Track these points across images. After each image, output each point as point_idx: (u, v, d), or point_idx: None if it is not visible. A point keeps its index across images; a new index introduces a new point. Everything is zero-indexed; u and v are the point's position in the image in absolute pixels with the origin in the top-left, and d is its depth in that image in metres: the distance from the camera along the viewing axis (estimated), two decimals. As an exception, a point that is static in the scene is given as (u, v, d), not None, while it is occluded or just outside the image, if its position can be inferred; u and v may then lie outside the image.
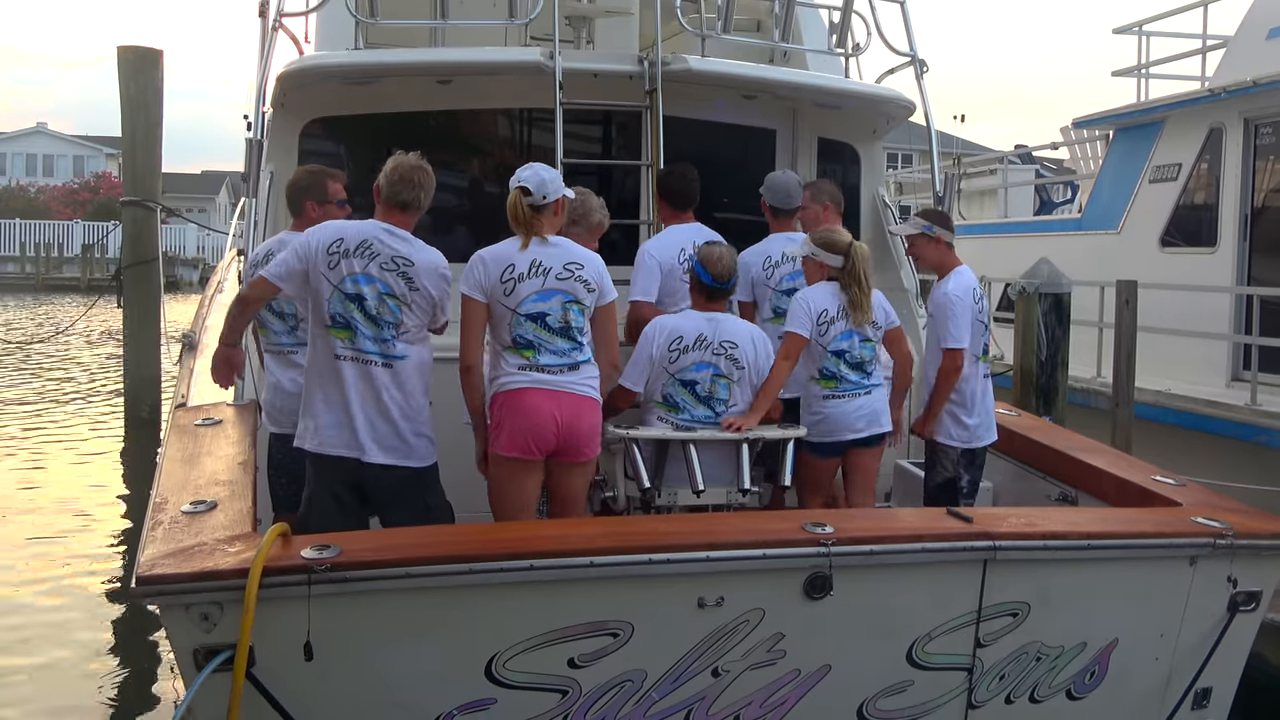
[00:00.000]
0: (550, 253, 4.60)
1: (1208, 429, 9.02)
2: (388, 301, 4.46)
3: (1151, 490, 4.94)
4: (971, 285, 5.48)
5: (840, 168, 7.35)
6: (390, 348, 4.47)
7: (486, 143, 7.12)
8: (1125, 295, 8.77)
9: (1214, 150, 10.46)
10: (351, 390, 4.42)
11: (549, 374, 4.53)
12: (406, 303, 4.48)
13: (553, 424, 4.49)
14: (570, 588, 3.74)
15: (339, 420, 4.43)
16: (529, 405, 4.50)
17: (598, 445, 4.67)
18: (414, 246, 4.54)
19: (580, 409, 4.56)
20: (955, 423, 5.46)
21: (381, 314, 4.45)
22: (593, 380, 4.65)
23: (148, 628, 7.08)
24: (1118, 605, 4.33)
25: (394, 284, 4.47)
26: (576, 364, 4.59)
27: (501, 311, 4.55)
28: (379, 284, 4.44)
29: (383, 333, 4.46)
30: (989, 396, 5.56)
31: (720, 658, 3.90)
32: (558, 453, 4.57)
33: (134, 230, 13.27)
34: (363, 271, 4.45)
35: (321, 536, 3.70)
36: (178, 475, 4.37)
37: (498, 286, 4.53)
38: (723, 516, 4.83)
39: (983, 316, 5.49)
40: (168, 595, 3.48)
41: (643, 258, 5.70)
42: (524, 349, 4.54)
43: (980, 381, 5.49)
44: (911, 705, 4.16)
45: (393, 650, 3.66)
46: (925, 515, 4.68)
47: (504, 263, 4.56)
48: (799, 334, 5.15)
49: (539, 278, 4.55)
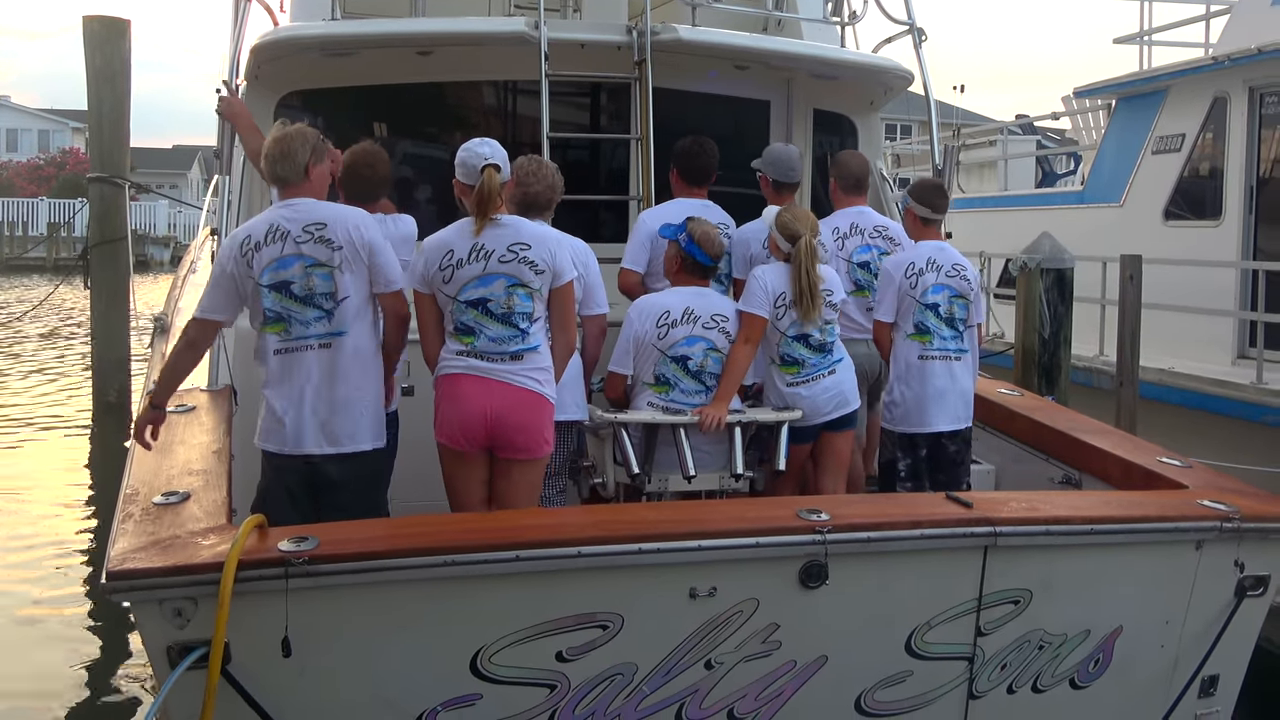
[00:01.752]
0: (496, 234, 4.46)
1: (1213, 408, 9.05)
2: (316, 274, 4.30)
3: (1156, 472, 4.94)
4: (908, 261, 5.40)
5: (837, 140, 7.31)
6: (325, 325, 4.30)
7: (470, 116, 7.06)
8: (1129, 271, 8.77)
9: (1218, 120, 10.46)
10: (293, 382, 4.29)
11: (486, 361, 4.40)
12: (335, 265, 4.31)
13: (481, 415, 4.36)
14: (558, 579, 3.72)
15: (286, 415, 4.30)
16: (458, 393, 4.41)
17: (539, 443, 4.45)
18: (317, 207, 4.39)
19: (515, 401, 4.39)
20: (886, 400, 5.45)
21: (314, 289, 4.30)
22: (538, 372, 4.46)
23: (120, 624, 7.04)
24: (1122, 591, 4.34)
25: (315, 251, 4.30)
26: (519, 353, 4.43)
27: (443, 300, 4.47)
28: (304, 260, 4.30)
29: (317, 312, 4.29)
30: (932, 382, 5.31)
31: (713, 650, 3.89)
32: (492, 446, 4.43)
33: (101, 207, 13.15)
34: (280, 256, 4.30)
35: (299, 528, 3.68)
36: (149, 465, 4.33)
37: (436, 275, 4.45)
38: (715, 504, 4.82)
39: (925, 296, 5.32)
40: (140, 590, 3.45)
41: (638, 226, 5.71)
42: (463, 335, 4.44)
43: (915, 364, 5.32)
44: (911, 696, 4.16)
45: (374, 645, 3.64)
46: (923, 501, 4.67)
47: (443, 250, 4.46)
48: (757, 314, 5.09)
49: (479, 262, 4.43)
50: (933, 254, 5.42)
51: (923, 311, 5.35)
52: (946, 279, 5.39)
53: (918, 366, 5.35)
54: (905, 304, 5.36)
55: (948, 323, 5.37)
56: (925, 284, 5.35)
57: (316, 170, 4.45)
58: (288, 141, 4.41)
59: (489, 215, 4.45)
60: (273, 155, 4.42)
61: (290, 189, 4.42)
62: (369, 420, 4.38)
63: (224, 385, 5.21)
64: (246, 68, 6.15)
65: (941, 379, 5.35)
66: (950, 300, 5.38)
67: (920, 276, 5.35)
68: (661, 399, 5.01)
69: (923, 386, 5.33)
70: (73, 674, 6.47)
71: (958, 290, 5.41)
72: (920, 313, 5.35)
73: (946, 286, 5.38)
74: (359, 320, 4.36)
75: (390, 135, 6.90)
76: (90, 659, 6.71)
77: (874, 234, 5.90)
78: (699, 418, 4.91)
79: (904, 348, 5.38)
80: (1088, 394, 9.40)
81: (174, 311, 7.38)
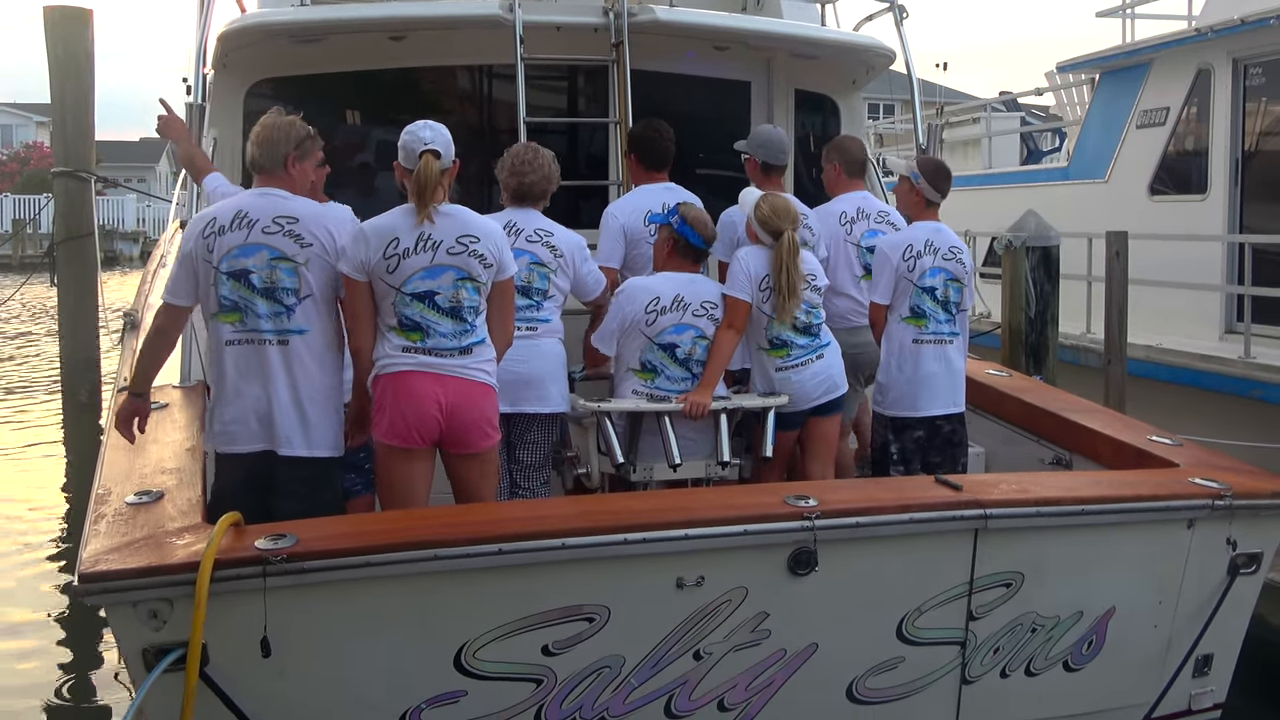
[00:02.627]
0: (442, 224, 4.31)
1: (1201, 384, 9.10)
2: (280, 267, 4.23)
3: (1147, 451, 4.96)
4: (907, 242, 5.37)
5: (819, 120, 7.31)
6: (284, 321, 4.22)
7: (445, 101, 7.02)
8: (1115, 247, 8.80)
9: (1202, 93, 10.49)
10: (246, 375, 4.22)
11: (436, 357, 4.29)
12: (301, 262, 4.23)
13: (436, 410, 4.26)
14: (542, 571, 3.70)
15: (236, 414, 4.23)
16: (411, 390, 4.26)
17: (489, 435, 4.39)
18: (292, 201, 4.31)
19: (469, 395, 4.31)
20: (879, 384, 5.44)
21: (276, 282, 4.22)
22: (487, 364, 4.40)
23: (93, 627, 6.99)
24: (1114, 572, 4.36)
25: (282, 244, 4.23)
26: (468, 347, 4.34)
27: (384, 290, 4.28)
28: (266, 250, 4.22)
29: (276, 306, 4.22)
30: (925, 366, 5.31)
31: (702, 640, 3.89)
32: (445, 442, 4.35)
33: (67, 203, 13.00)
34: (243, 243, 4.22)
35: (277, 525, 3.65)
36: (121, 464, 4.30)
37: (380, 263, 4.25)
38: (701, 492, 4.82)
39: (922, 280, 5.31)
40: (113, 593, 3.42)
41: (607, 220, 5.65)
42: (409, 330, 4.28)
43: (909, 349, 5.32)
44: (903, 683, 4.17)
45: (355, 644, 3.62)
46: (912, 484, 4.68)
47: (387, 237, 4.27)
48: (740, 299, 5.05)
49: (427, 253, 4.27)
50: (930, 236, 5.40)
51: (919, 295, 5.33)
52: (943, 262, 5.37)
53: (912, 350, 5.33)
54: (901, 286, 5.34)
55: (943, 306, 5.36)
56: (923, 267, 5.33)
57: (298, 166, 4.37)
58: (271, 130, 4.36)
59: (429, 204, 4.29)
60: (254, 140, 4.37)
61: (265, 177, 4.36)
62: (325, 424, 4.29)
63: (197, 381, 5.17)
64: (214, 56, 6.11)
65: (935, 363, 5.35)
66: (946, 284, 5.37)
67: (918, 259, 5.33)
68: (646, 386, 4.99)
69: (916, 370, 5.33)
70: (46, 679, 6.41)
71: (954, 274, 5.40)
72: (917, 296, 5.33)
73: (943, 270, 5.37)
74: (320, 319, 4.28)
75: (363, 122, 6.86)
76: (64, 663, 6.65)
77: (879, 219, 5.86)
78: (684, 405, 4.89)
79: (898, 331, 5.36)
80: (1076, 372, 9.44)
81: (144, 307, 7.30)
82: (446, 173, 4.40)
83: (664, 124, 5.77)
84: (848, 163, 5.99)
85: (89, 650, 6.84)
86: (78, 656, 6.76)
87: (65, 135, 13.05)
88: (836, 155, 6.05)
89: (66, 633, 7.12)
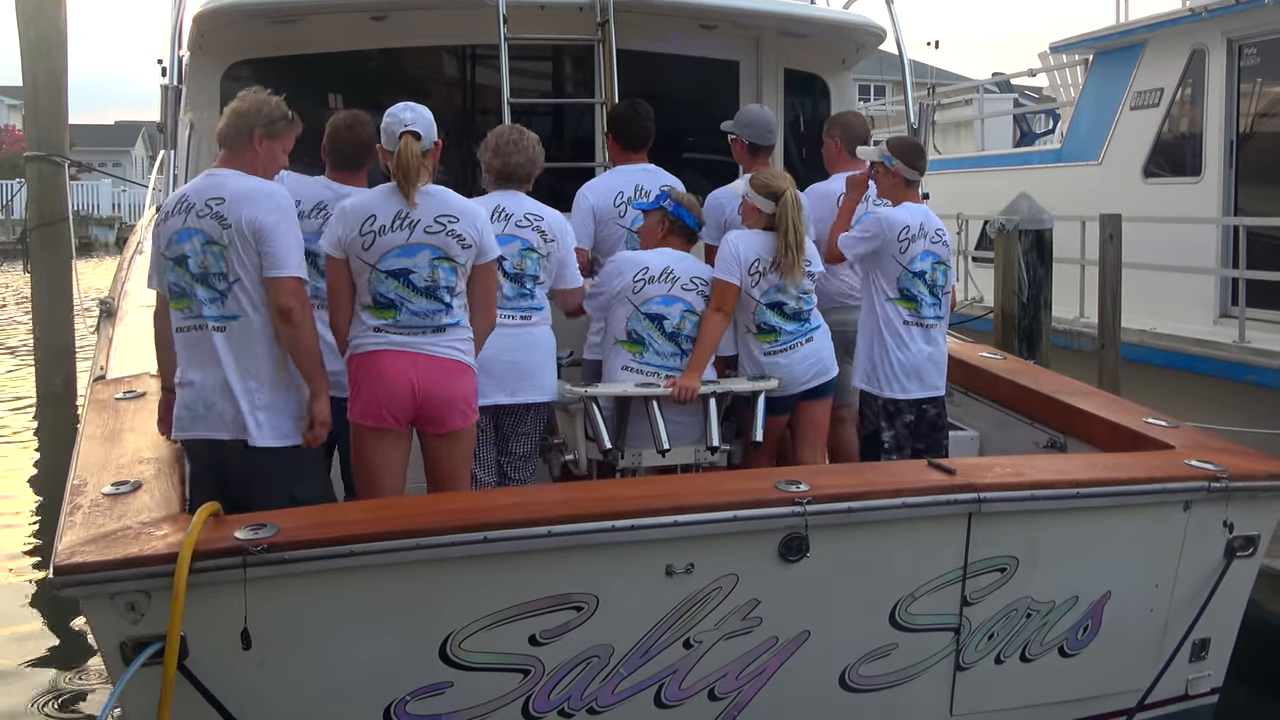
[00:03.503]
0: (422, 203, 4.34)
1: (1195, 369, 9.13)
2: (210, 251, 4.14)
3: (1143, 434, 4.97)
4: (904, 223, 5.30)
5: (809, 101, 7.28)
6: (222, 307, 4.15)
7: (426, 83, 6.96)
8: (1109, 230, 8.82)
9: (1196, 74, 10.51)
10: (193, 363, 4.18)
11: (408, 335, 4.30)
12: (225, 244, 4.12)
13: (408, 390, 4.26)
14: (529, 560, 3.69)
15: (187, 399, 4.18)
16: (383, 369, 4.28)
17: (466, 415, 4.39)
18: (228, 180, 4.21)
19: (441, 373, 4.32)
20: (870, 367, 5.42)
21: (208, 267, 4.14)
22: (461, 344, 4.40)
23: (70, 620, 6.95)
24: (1110, 555, 4.36)
25: (209, 227, 4.15)
26: (442, 326, 4.34)
27: (359, 266, 4.31)
28: (198, 235, 4.15)
29: (213, 292, 4.15)
30: (915, 349, 5.31)
31: (692, 628, 3.88)
32: (420, 421, 4.35)
33: (40, 188, 12.92)
34: (181, 228, 4.18)
35: (258, 515, 3.63)
36: (97, 454, 4.27)
37: (356, 240, 4.29)
38: (691, 478, 4.80)
39: (914, 264, 5.29)
40: (90, 585, 3.39)
41: (578, 200, 5.62)
42: (383, 309, 4.30)
43: (900, 330, 5.30)
44: (896, 670, 4.17)
45: (338, 635, 3.60)
46: (905, 468, 4.67)
47: (364, 214, 4.31)
48: (729, 281, 5.05)
49: (404, 230, 4.30)
50: (922, 219, 5.39)
51: (911, 279, 5.31)
52: (931, 245, 5.36)
53: (902, 333, 5.31)
54: (890, 267, 5.31)
55: (930, 290, 5.36)
56: (914, 251, 5.31)
57: (265, 145, 4.30)
58: (245, 103, 4.31)
59: (412, 185, 4.31)
60: (226, 113, 4.32)
61: (229, 155, 4.30)
62: (269, 413, 4.18)
63: (175, 369, 5.13)
64: (190, 37, 6.05)
65: (926, 346, 5.34)
66: (934, 267, 5.36)
67: (912, 243, 5.31)
68: (635, 360, 4.98)
69: (909, 353, 5.31)
70: (21, 674, 6.37)
71: (940, 257, 5.40)
72: (908, 280, 5.31)
73: (931, 253, 5.36)
74: (253, 305, 4.16)
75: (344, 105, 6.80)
76: (39, 658, 6.60)
77: (878, 202, 5.81)
78: (672, 389, 4.88)
79: (888, 313, 5.32)
80: (1069, 357, 9.46)
81: (120, 295, 7.26)
82: (428, 154, 4.40)
83: (644, 104, 5.72)
84: (850, 139, 5.89)
85: (64, 644, 6.80)
86: (52, 650, 6.71)
87: (37, 119, 12.97)
88: (839, 131, 5.96)
89: (40, 626, 7.07)
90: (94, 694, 6.07)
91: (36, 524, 9.09)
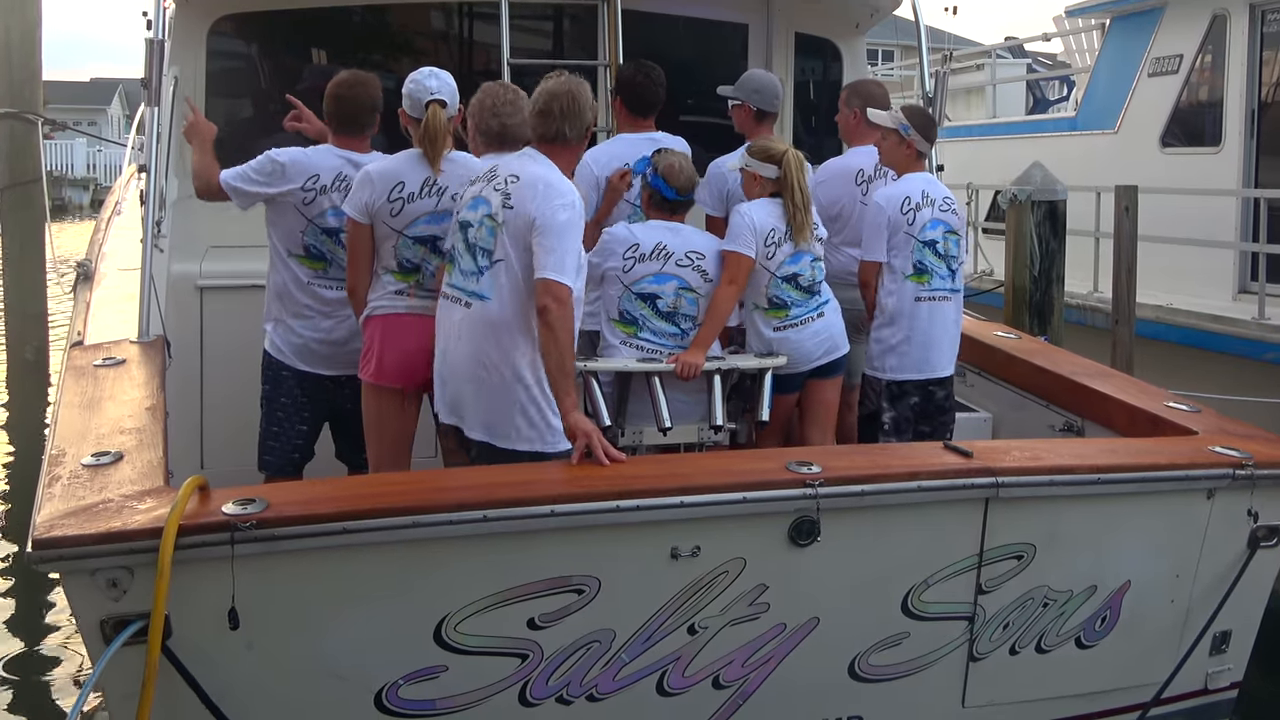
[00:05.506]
0: (449, 171, 4.50)
1: (1213, 346, 9.12)
2: (486, 226, 4.33)
3: (1164, 418, 4.93)
4: (904, 195, 5.28)
5: (820, 66, 7.21)
6: (477, 283, 4.32)
7: (420, 42, 6.90)
8: (1125, 202, 8.79)
9: (1217, 40, 10.45)
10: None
11: (430, 299, 4.45)
12: (501, 223, 4.32)
13: (426, 353, 4.40)
14: (529, 540, 3.65)
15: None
16: (399, 331, 4.48)
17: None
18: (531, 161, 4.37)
19: None
20: (874, 349, 5.36)
21: (479, 241, 4.34)
22: None
23: (47, 597, 6.91)
24: (1130, 544, 4.33)
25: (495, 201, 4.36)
26: None
27: (385, 233, 4.49)
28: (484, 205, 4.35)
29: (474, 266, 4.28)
30: (927, 326, 5.26)
31: (697, 613, 3.85)
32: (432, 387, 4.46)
33: (12, 147, 12.84)
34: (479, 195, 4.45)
35: (246, 489, 3.59)
36: (76, 423, 4.21)
37: (384, 206, 4.46)
38: (698, 457, 4.76)
39: (923, 233, 5.24)
40: (69, 560, 3.34)
41: (580, 169, 5.51)
42: (407, 273, 4.51)
43: (911, 306, 5.25)
44: (908, 659, 4.14)
45: (329, 615, 3.56)
46: (920, 450, 4.64)
47: (392, 180, 4.47)
48: (744, 254, 4.97)
49: (432, 198, 4.47)
50: (925, 187, 5.33)
51: (921, 250, 5.25)
52: (940, 214, 5.31)
53: (914, 310, 5.26)
54: (901, 241, 5.25)
55: (943, 260, 5.30)
56: (922, 220, 5.25)
57: None
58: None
59: (439, 153, 4.45)
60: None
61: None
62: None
63: (156, 336, 5.08)
64: (174, -11, 5.96)
65: (938, 322, 5.29)
66: (945, 236, 5.31)
67: (917, 212, 5.25)
68: (631, 338, 4.92)
69: (917, 331, 5.26)
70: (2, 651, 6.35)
71: (951, 225, 5.35)
72: (919, 251, 5.25)
73: (941, 222, 5.30)
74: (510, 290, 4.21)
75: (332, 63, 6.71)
76: (14, 636, 6.57)
77: (883, 172, 5.73)
78: (675, 365, 4.83)
79: (900, 289, 5.27)
80: (1082, 333, 9.45)
81: (98, 257, 7.18)
82: (452, 120, 4.56)
83: (655, 67, 5.61)
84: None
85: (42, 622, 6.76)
86: (29, 629, 6.68)
87: (10, 74, 12.87)
88: (858, 100, 5.80)
89: (16, 603, 7.04)
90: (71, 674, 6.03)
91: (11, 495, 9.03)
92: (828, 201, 5.66)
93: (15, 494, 9.06)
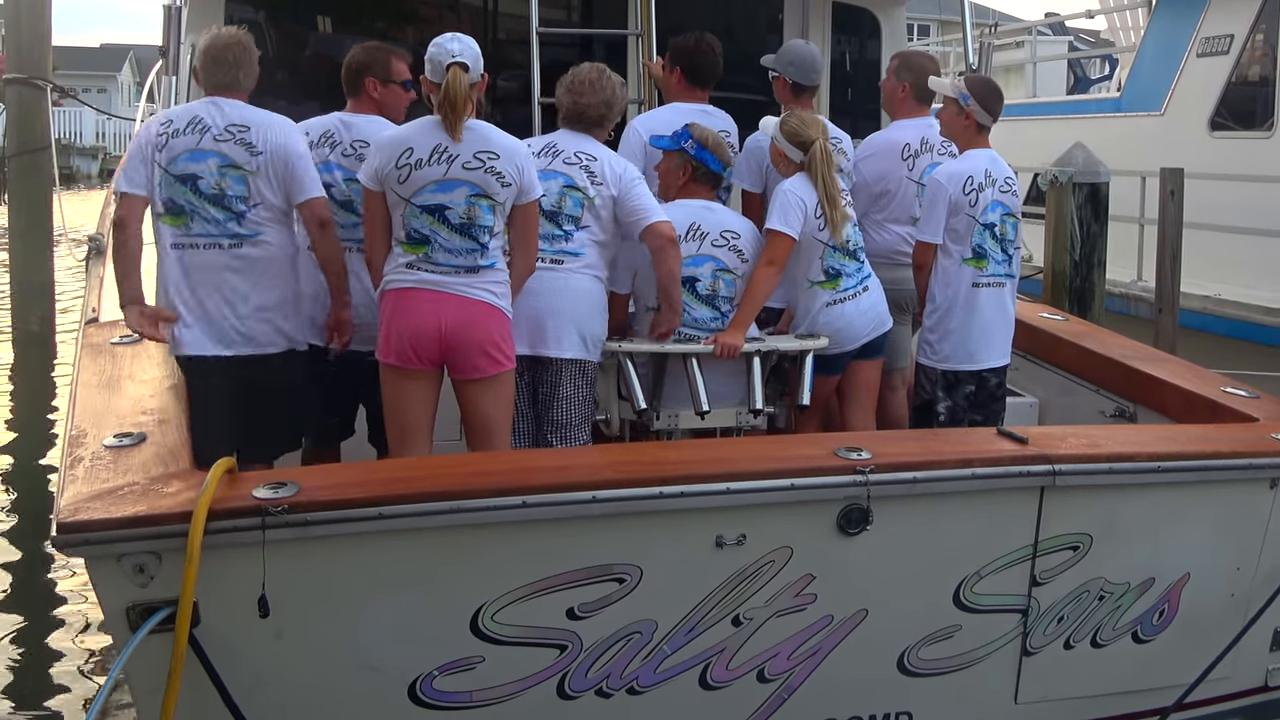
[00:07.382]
0: (466, 139, 4.42)
1: (1261, 340, 9.04)
2: (230, 175, 4.44)
3: (1222, 404, 4.88)
4: (966, 174, 5.16)
5: (858, 39, 7.15)
6: (240, 225, 4.48)
7: (440, 11, 6.86)
8: (1170, 186, 8.71)
9: (1270, 19, 10.37)
10: (200, 282, 4.48)
11: (440, 274, 4.39)
12: (252, 170, 4.46)
13: (434, 329, 4.35)
14: (569, 527, 3.63)
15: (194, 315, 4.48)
16: (410, 307, 4.40)
17: (497, 360, 4.42)
18: (247, 111, 4.55)
19: (470, 315, 4.38)
20: (929, 336, 5.28)
21: (225, 189, 4.45)
22: (495, 286, 4.44)
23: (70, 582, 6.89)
24: (1189, 535, 4.29)
25: (233, 153, 4.47)
26: (476, 267, 4.40)
27: (394, 200, 4.44)
28: (214, 157, 4.45)
29: (229, 213, 4.47)
30: (983, 313, 5.18)
31: (741, 604, 3.82)
32: (451, 367, 4.44)
33: (20, 113, 12.85)
34: (195, 147, 4.46)
35: (278, 473, 3.59)
36: (96, 403, 4.22)
37: (392, 172, 4.41)
38: (743, 442, 4.73)
39: (984, 215, 5.14)
40: (95, 544, 3.33)
41: (629, 134, 5.49)
42: (416, 244, 4.41)
43: (968, 292, 5.15)
44: (959, 653, 4.11)
45: (362, 604, 3.54)
46: (973, 436, 4.59)
47: (401, 146, 4.43)
48: (786, 234, 4.90)
49: (441, 165, 4.38)
50: (988, 166, 5.21)
51: (981, 233, 5.15)
52: (1000, 195, 5.19)
53: (970, 295, 5.16)
54: (963, 223, 5.15)
55: (1000, 245, 5.21)
56: (984, 201, 5.14)
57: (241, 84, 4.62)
58: (240, 48, 4.62)
59: (460, 118, 4.37)
60: (208, 64, 4.61)
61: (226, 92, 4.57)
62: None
63: (175, 311, 5.05)
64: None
65: (993, 309, 5.21)
66: (1003, 219, 5.21)
67: (980, 193, 5.13)
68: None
69: (974, 318, 5.16)
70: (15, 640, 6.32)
71: (1010, 208, 5.24)
72: (979, 234, 5.15)
73: (1001, 204, 5.19)
74: (274, 226, 4.56)
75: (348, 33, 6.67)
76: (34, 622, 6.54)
77: (943, 150, 5.61)
78: (713, 346, 4.79)
79: (956, 274, 5.17)
80: (1123, 322, 9.32)
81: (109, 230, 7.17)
82: (475, 87, 4.46)
83: (714, 37, 5.61)
84: (920, 85, 5.66)
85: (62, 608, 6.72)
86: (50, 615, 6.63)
87: (19, 39, 12.89)
88: (908, 73, 5.71)
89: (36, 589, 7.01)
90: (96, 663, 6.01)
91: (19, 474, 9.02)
92: (873, 178, 5.60)
93: (20, 467, 9.07)
